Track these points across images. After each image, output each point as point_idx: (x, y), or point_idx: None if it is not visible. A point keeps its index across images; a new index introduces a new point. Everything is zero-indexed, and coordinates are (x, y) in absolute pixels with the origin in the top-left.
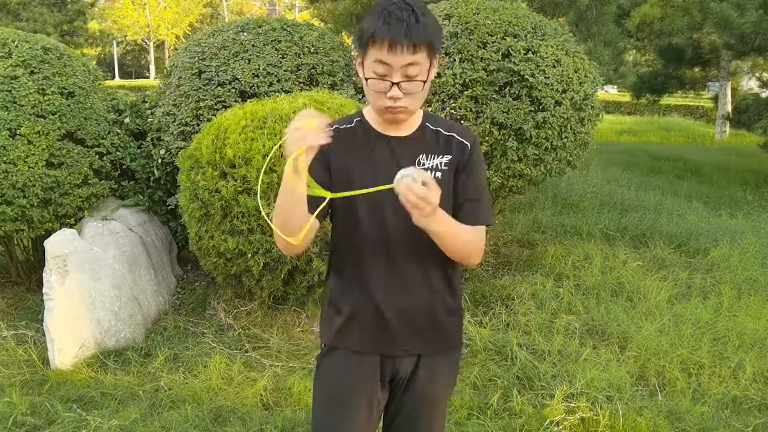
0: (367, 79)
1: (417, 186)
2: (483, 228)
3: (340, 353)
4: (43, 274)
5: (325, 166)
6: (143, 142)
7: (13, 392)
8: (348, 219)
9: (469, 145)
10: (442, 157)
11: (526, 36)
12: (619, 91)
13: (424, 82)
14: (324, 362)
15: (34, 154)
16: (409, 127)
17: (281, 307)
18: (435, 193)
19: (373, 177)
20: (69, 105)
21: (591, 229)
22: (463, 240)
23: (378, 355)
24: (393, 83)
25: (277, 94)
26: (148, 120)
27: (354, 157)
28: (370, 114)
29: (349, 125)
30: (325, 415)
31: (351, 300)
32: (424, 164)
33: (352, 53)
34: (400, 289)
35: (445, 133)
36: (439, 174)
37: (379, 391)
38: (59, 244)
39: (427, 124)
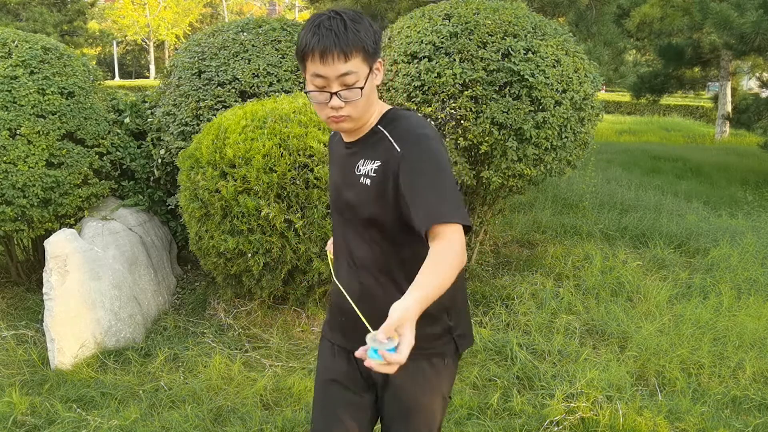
0: (307, 92)
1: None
2: (455, 230)
3: (327, 344)
4: (43, 274)
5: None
6: (143, 142)
7: (13, 392)
8: (333, 219)
9: (398, 149)
10: (373, 163)
11: (526, 36)
12: (607, 91)
13: (362, 88)
14: (318, 350)
15: (34, 154)
16: (361, 132)
17: (281, 307)
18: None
19: (333, 182)
20: (69, 105)
21: (591, 229)
22: (446, 281)
23: (351, 351)
24: (331, 93)
25: (277, 94)
26: (148, 120)
27: (332, 162)
28: None
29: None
30: (315, 402)
31: (333, 296)
32: (360, 170)
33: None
34: (366, 292)
35: (388, 136)
36: (368, 180)
37: (362, 383)
38: (59, 244)
39: (379, 126)
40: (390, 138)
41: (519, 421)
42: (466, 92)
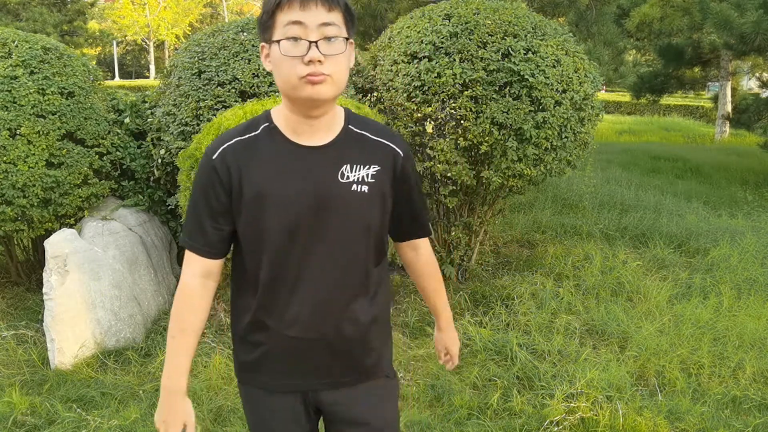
0: (278, 42)
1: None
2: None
3: (258, 393)
4: (43, 274)
5: (227, 193)
6: (143, 142)
7: (13, 392)
8: (255, 242)
9: (401, 153)
10: (368, 168)
11: (526, 36)
12: (607, 91)
13: (346, 39)
14: (245, 396)
15: (34, 154)
16: (329, 131)
17: None
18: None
19: (289, 195)
20: (69, 105)
21: (591, 229)
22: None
23: (298, 392)
24: (310, 42)
25: (277, 94)
26: (148, 120)
27: (263, 172)
28: (280, 116)
29: (253, 133)
30: None
31: (262, 333)
32: (348, 177)
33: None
34: (315, 316)
35: (373, 138)
36: (365, 188)
37: (307, 425)
38: (59, 244)
39: (350, 126)
40: (383, 140)
41: (519, 421)
42: (466, 92)
